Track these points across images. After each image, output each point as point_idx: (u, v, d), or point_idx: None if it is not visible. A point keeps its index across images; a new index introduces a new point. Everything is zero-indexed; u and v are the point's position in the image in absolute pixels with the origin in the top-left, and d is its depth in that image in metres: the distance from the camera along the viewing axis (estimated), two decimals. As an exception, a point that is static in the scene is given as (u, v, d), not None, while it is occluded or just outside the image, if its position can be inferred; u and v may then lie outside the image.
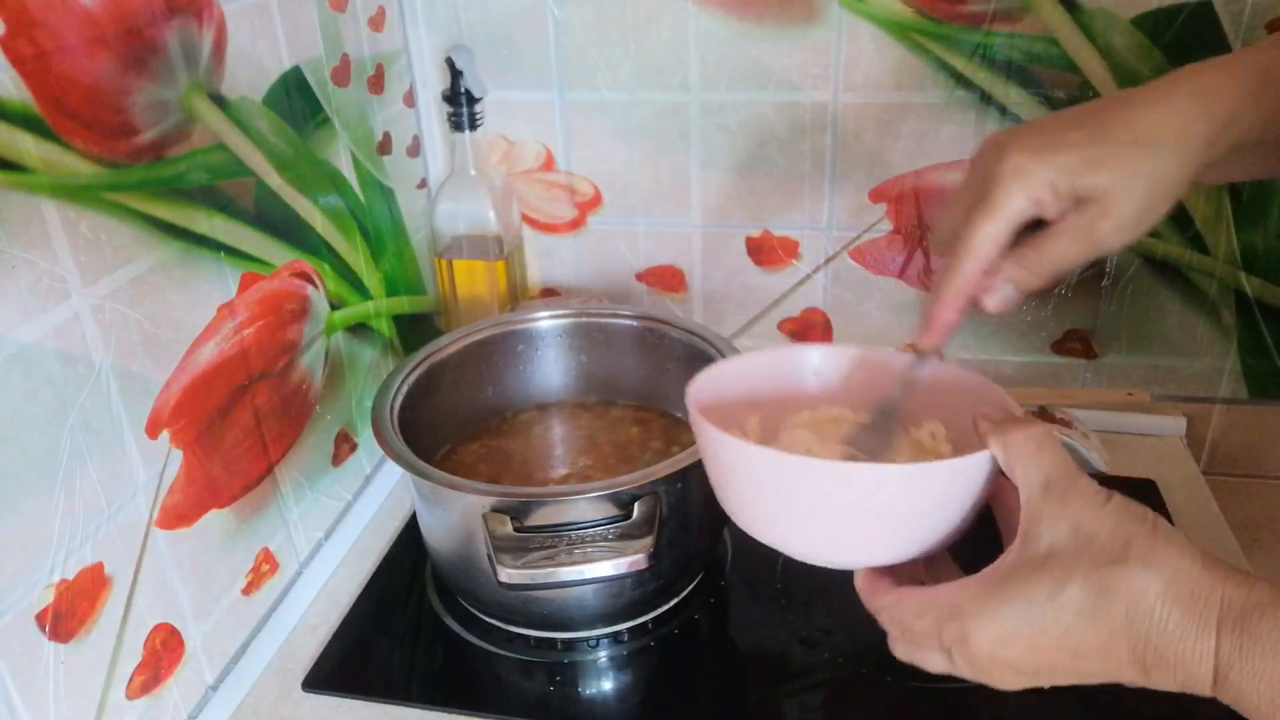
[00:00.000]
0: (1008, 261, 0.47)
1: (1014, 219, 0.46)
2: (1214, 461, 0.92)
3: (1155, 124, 0.46)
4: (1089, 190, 0.45)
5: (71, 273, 0.51)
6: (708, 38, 0.85)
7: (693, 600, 0.72)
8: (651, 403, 0.83)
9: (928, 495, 0.44)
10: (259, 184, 0.67)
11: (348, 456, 0.81)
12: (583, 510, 0.62)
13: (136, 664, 0.57)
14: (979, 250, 0.47)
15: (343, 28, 0.78)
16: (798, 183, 0.89)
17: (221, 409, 0.64)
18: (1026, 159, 0.45)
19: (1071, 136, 0.46)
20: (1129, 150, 0.45)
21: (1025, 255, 0.47)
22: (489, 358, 0.82)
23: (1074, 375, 0.92)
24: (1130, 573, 0.39)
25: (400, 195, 0.89)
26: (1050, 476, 0.42)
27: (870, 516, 0.45)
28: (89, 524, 0.53)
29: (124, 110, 0.54)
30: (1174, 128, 0.46)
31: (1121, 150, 0.45)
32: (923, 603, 0.44)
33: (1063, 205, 0.46)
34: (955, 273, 0.48)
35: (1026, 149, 0.46)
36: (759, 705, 0.66)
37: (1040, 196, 0.45)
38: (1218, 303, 0.86)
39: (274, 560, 0.71)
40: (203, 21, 0.60)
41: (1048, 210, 0.46)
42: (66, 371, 0.51)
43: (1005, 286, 0.48)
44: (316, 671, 0.68)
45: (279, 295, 0.70)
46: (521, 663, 0.68)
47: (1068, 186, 0.45)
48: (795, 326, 0.96)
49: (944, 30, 0.81)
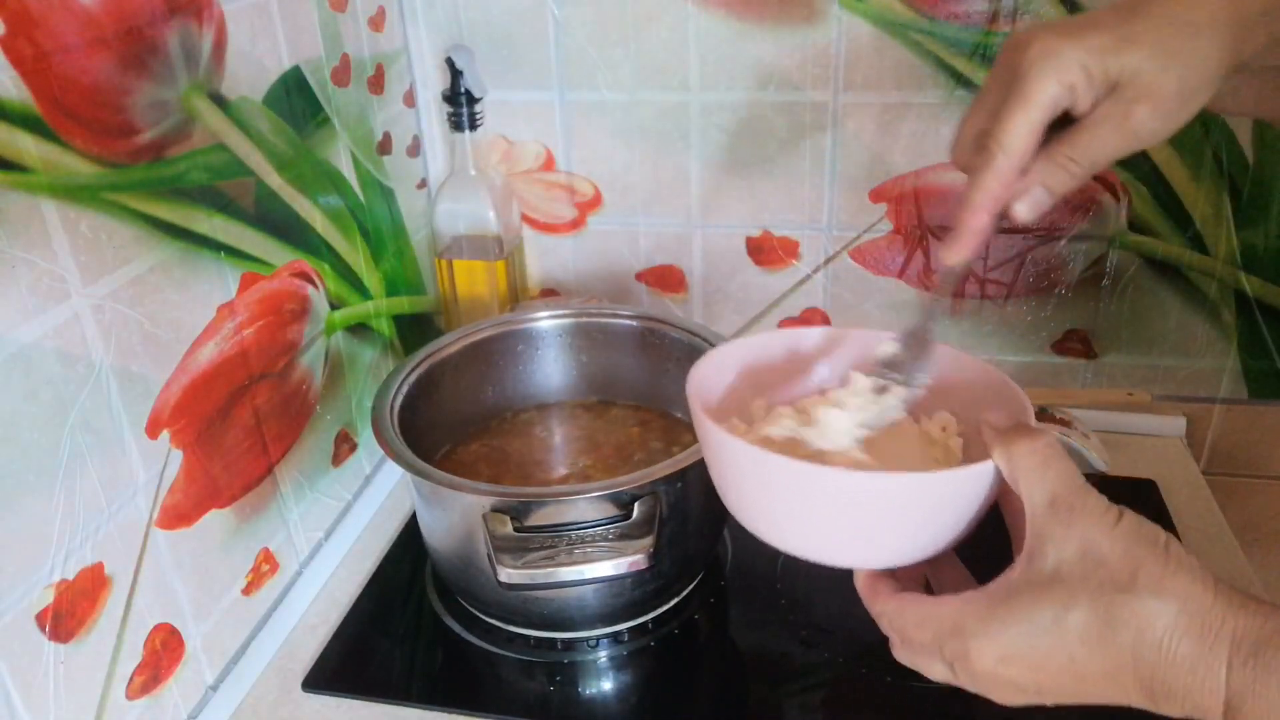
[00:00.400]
0: (1038, 161, 0.45)
1: (1048, 106, 0.43)
2: (1214, 461, 0.92)
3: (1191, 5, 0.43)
4: (1123, 71, 0.43)
5: (71, 273, 0.51)
6: (708, 38, 0.85)
7: (693, 600, 0.72)
8: (651, 403, 0.83)
9: (930, 503, 0.44)
10: (259, 184, 0.67)
11: (348, 456, 0.81)
12: (583, 510, 0.62)
13: (136, 664, 0.57)
14: (1013, 145, 0.44)
15: (343, 28, 0.78)
16: (798, 183, 0.89)
17: (221, 409, 0.64)
18: (1056, 41, 0.43)
19: (1103, 19, 0.44)
20: (1164, 28, 0.43)
21: (1057, 152, 0.44)
22: (489, 358, 0.82)
23: (1074, 375, 0.92)
24: (1138, 602, 0.38)
25: (400, 195, 0.89)
26: (1056, 493, 0.40)
27: (871, 521, 0.44)
28: (89, 524, 0.53)
29: (124, 110, 0.54)
30: (1210, 6, 0.43)
31: (1156, 27, 0.43)
32: (924, 614, 0.43)
33: (1096, 92, 0.43)
34: (989, 173, 0.45)
35: (1056, 33, 0.43)
36: (759, 705, 0.66)
37: (1073, 80, 0.43)
38: (1218, 303, 0.86)
39: (274, 560, 0.71)
40: (203, 21, 0.60)
41: (1081, 98, 0.43)
42: (66, 371, 0.51)
43: (1037, 189, 0.45)
44: (316, 671, 0.68)
45: (279, 295, 0.70)
46: (521, 663, 0.68)
47: (1100, 69, 0.43)
48: (795, 326, 0.96)
49: (944, 30, 0.81)
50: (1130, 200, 0.84)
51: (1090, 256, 0.87)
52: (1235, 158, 0.80)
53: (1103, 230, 0.85)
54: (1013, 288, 0.89)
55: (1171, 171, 0.82)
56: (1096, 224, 0.85)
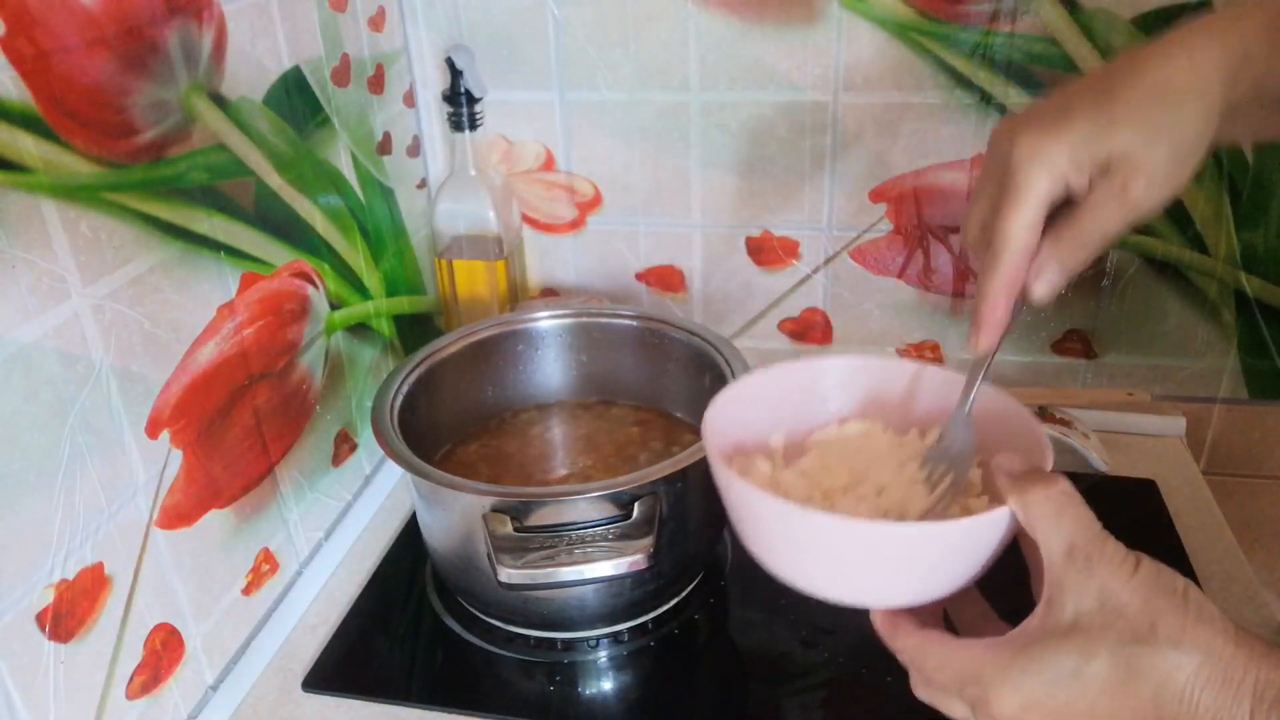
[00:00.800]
0: (1046, 244, 0.45)
1: (1043, 202, 0.44)
2: (1214, 461, 0.92)
3: (1168, 72, 0.43)
4: (1111, 154, 0.43)
5: (71, 273, 0.51)
6: (708, 38, 0.85)
7: (693, 600, 0.72)
8: (651, 403, 0.83)
9: (945, 550, 0.44)
10: (259, 184, 0.67)
11: (348, 456, 0.81)
12: (583, 510, 0.62)
13: (136, 664, 0.57)
14: (1015, 243, 0.45)
15: (343, 28, 0.78)
16: (798, 183, 0.89)
17: (221, 409, 0.64)
18: (1040, 139, 0.44)
19: (1080, 105, 0.44)
20: (1144, 104, 0.43)
21: (1063, 236, 0.45)
22: (489, 358, 0.82)
23: (1074, 375, 0.92)
24: (1159, 655, 0.38)
25: (400, 195, 0.89)
26: (1073, 542, 0.40)
27: (888, 566, 0.45)
28: (89, 524, 0.53)
29: (124, 110, 0.54)
30: (1189, 72, 0.43)
31: (1136, 105, 0.43)
32: (944, 658, 0.43)
33: (1090, 176, 0.44)
34: (997, 269, 0.45)
35: (1037, 129, 0.44)
36: (759, 705, 0.66)
37: (1063, 172, 0.43)
38: (1218, 303, 0.86)
39: (274, 560, 0.71)
40: (203, 21, 0.60)
41: (1076, 185, 0.44)
42: (66, 371, 0.51)
43: (1050, 270, 0.46)
44: (316, 671, 0.68)
45: (279, 295, 0.70)
46: (521, 663, 0.68)
47: (1088, 156, 0.43)
48: (795, 326, 0.96)
49: (944, 30, 0.81)
50: (1130, 200, 0.84)
51: (1090, 256, 0.87)
52: (1235, 158, 0.80)
53: (1103, 230, 0.85)
54: (1013, 288, 0.89)
55: (1171, 171, 0.82)
56: (1096, 224, 0.85)
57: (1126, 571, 0.39)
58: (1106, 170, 0.43)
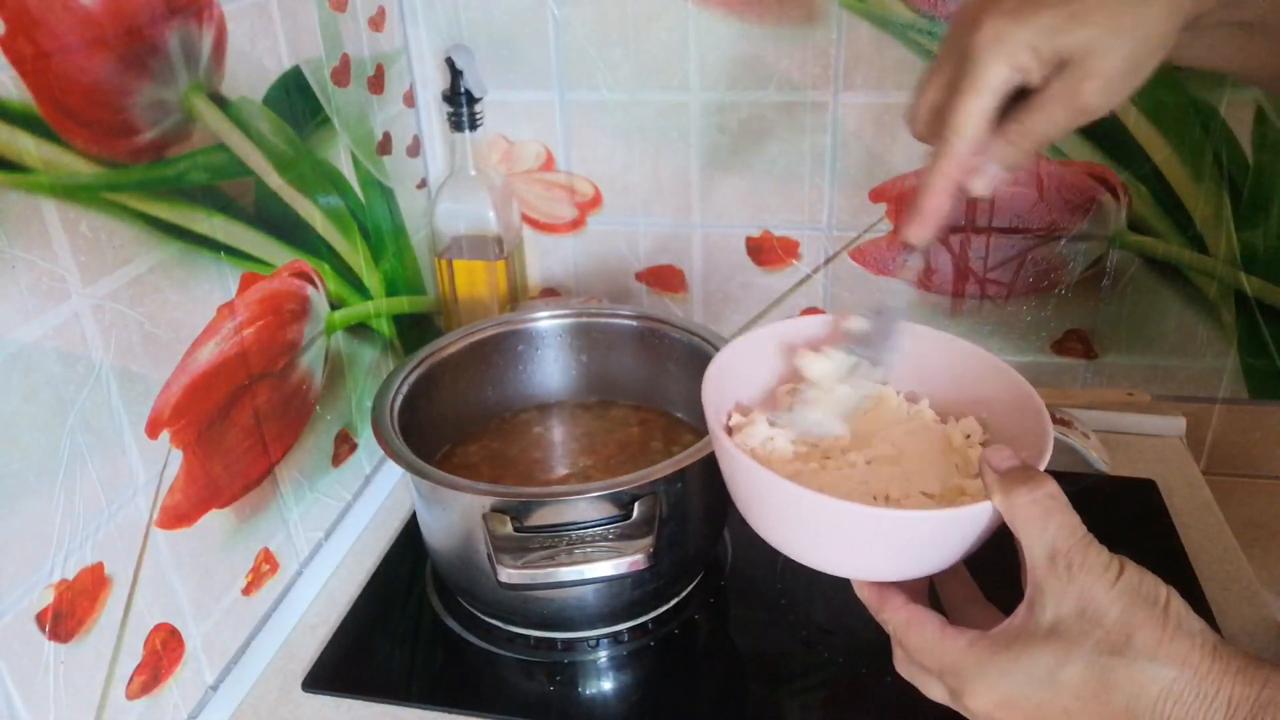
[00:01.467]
0: (993, 139, 0.45)
1: (999, 90, 0.43)
2: (1214, 461, 0.92)
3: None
4: (1071, 49, 0.42)
5: (71, 273, 0.51)
6: (708, 38, 0.85)
7: (693, 600, 0.72)
8: (651, 403, 0.83)
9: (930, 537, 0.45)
10: (259, 184, 0.67)
11: (348, 456, 0.81)
12: (583, 510, 0.62)
13: (136, 664, 0.57)
14: (967, 130, 0.44)
15: (343, 28, 0.78)
16: (798, 183, 0.89)
17: (221, 409, 0.64)
18: (1005, 24, 0.42)
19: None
20: (1112, 2, 0.42)
21: (1010, 130, 0.44)
22: (489, 358, 0.82)
23: (1074, 375, 0.92)
24: (1135, 667, 0.38)
25: (400, 195, 0.89)
26: (1057, 546, 0.40)
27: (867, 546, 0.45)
28: (89, 524, 0.53)
29: (124, 110, 0.54)
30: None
31: (1104, 3, 0.42)
32: (928, 644, 0.43)
33: (1046, 70, 0.43)
34: (944, 157, 0.45)
35: (1004, 14, 0.43)
36: (759, 705, 0.66)
37: (1023, 62, 0.43)
38: (1218, 303, 0.86)
39: (274, 560, 0.71)
40: (203, 21, 0.60)
41: (1032, 76, 0.43)
42: (66, 371, 0.51)
43: (993, 166, 0.45)
44: (316, 671, 0.68)
45: (279, 295, 0.70)
46: (521, 663, 0.68)
47: (1050, 48, 0.42)
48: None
49: (944, 30, 0.81)
50: (1130, 200, 0.84)
51: (1090, 256, 0.87)
52: (1235, 158, 0.80)
53: (1103, 230, 0.85)
54: (1013, 287, 0.89)
55: (1171, 171, 0.82)
56: (1096, 224, 0.85)
57: (1109, 580, 0.39)
58: (1062, 68, 0.43)
